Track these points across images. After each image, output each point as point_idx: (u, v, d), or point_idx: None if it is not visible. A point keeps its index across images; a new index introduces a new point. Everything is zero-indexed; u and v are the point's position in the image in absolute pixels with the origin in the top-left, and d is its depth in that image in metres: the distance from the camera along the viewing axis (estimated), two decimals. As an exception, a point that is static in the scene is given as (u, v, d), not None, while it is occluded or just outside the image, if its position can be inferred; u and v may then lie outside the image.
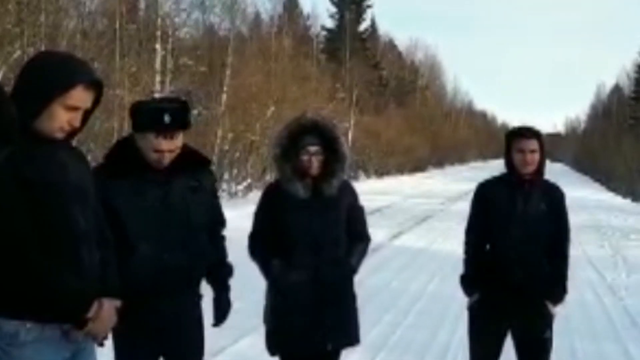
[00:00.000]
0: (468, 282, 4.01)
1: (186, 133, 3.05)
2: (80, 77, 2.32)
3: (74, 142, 2.61)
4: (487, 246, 3.97)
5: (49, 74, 2.30)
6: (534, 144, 3.80)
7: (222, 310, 3.30)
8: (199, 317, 3.21)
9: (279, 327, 3.59)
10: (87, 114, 2.39)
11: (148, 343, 3.05)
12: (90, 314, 2.31)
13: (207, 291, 3.31)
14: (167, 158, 2.99)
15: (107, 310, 2.38)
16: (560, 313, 3.96)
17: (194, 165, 3.16)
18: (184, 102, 3.08)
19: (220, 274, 3.32)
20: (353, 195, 3.73)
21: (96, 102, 2.40)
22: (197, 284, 3.22)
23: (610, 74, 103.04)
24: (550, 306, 3.87)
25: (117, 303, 2.46)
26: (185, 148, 3.09)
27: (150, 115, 2.95)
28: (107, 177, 2.95)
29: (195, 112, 19.51)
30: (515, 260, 3.81)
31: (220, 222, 3.35)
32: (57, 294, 2.24)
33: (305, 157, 3.52)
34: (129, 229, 2.93)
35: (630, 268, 10.47)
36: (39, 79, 2.30)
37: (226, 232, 3.40)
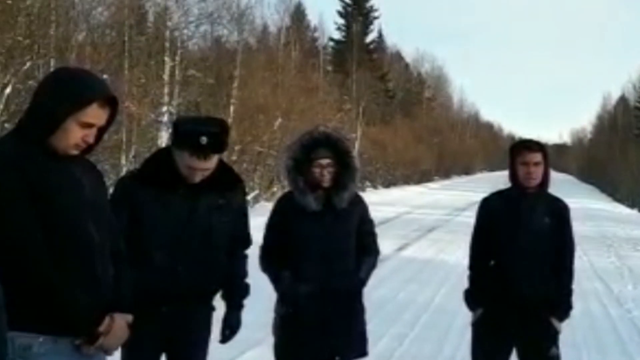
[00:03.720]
0: (472, 297, 3.99)
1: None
2: (95, 94, 2.34)
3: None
4: (492, 261, 3.95)
5: (65, 91, 2.32)
6: (537, 157, 3.80)
7: (231, 329, 3.33)
8: (207, 330, 3.24)
9: (288, 339, 3.62)
10: (101, 131, 2.41)
11: (154, 350, 3.09)
12: (102, 328, 2.34)
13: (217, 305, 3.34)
14: (199, 175, 3.03)
15: (118, 324, 2.40)
16: (566, 325, 3.97)
17: (225, 184, 3.19)
18: (223, 126, 3.11)
19: (236, 293, 3.34)
20: (364, 208, 3.77)
21: (111, 118, 2.42)
22: (210, 299, 3.25)
23: (616, 84, 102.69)
24: (555, 322, 3.85)
25: (129, 318, 2.48)
26: (220, 165, 3.13)
27: (188, 135, 2.99)
28: (139, 182, 3.04)
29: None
30: (519, 275, 3.79)
31: (246, 241, 3.36)
32: (69, 307, 2.27)
33: (317, 170, 3.56)
34: (147, 237, 2.98)
35: (636, 279, 10.45)
36: (55, 95, 2.32)
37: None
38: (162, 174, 3.04)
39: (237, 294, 3.35)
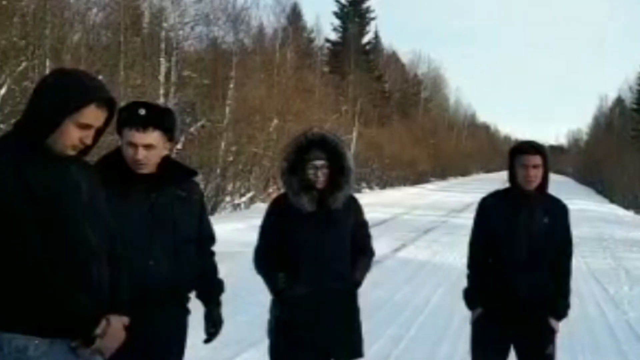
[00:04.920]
0: (471, 296, 4.01)
1: (190, 144, 3.08)
2: (93, 95, 2.35)
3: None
4: (490, 260, 3.96)
5: (63, 93, 2.32)
6: (537, 160, 3.81)
7: (213, 326, 3.30)
8: (183, 333, 3.20)
9: (283, 341, 3.61)
10: (99, 132, 2.42)
11: (126, 352, 3.04)
12: (98, 330, 2.33)
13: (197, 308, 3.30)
14: (141, 155, 3.01)
15: (115, 327, 2.39)
16: (563, 327, 3.97)
17: (182, 176, 3.20)
18: (167, 107, 3.17)
19: (211, 289, 3.33)
20: (358, 209, 3.77)
21: (109, 120, 2.43)
22: (184, 297, 3.21)
23: (613, 86, 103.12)
24: (553, 322, 3.87)
25: (125, 320, 2.47)
26: (170, 160, 3.16)
27: (128, 110, 3.05)
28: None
29: (199, 124, 19.58)
30: (518, 275, 3.81)
31: (210, 237, 3.35)
32: (65, 310, 2.27)
33: (311, 171, 3.56)
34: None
35: (633, 281, 10.45)
36: (53, 97, 2.32)
37: (229, 245, 3.42)
38: (117, 173, 3.03)
39: (212, 291, 3.32)
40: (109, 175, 2.98)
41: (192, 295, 3.28)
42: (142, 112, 3.00)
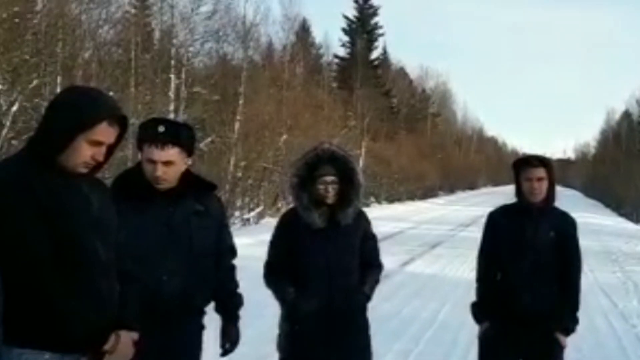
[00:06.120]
0: (479, 310, 4.03)
1: (200, 160, 3.11)
2: (105, 113, 2.37)
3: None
4: (499, 274, 3.98)
5: (75, 110, 2.34)
6: (541, 172, 3.83)
7: (230, 341, 3.32)
8: (196, 348, 3.20)
9: (293, 355, 3.63)
10: (110, 149, 2.44)
11: None
12: (108, 346, 2.35)
13: (214, 322, 3.33)
14: (160, 171, 3.04)
15: (124, 342, 2.40)
16: (571, 340, 3.97)
17: (200, 190, 3.21)
18: (187, 124, 3.21)
19: (230, 304, 3.34)
20: (367, 223, 3.79)
21: (120, 136, 2.45)
22: (199, 313, 3.23)
23: (620, 99, 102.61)
24: (560, 337, 3.86)
25: (135, 335, 2.48)
26: (189, 174, 3.18)
27: (147, 127, 3.10)
28: (113, 198, 3.05)
29: (208, 140, 19.70)
30: (525, 289, 3.82)
31: (231, 251, 3.37)
32: (75, 325, 2.28)
33: (321, 187, 3.58)
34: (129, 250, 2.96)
35: (641, 295, 10.44)
36: (65, 114, 2.35)
37: (238, 260, 3.45)
38: (135, 187, 3.07)
39: (231, 305, 3.34)
40: (129, 189, 3.04)
41: (209, 309, 3.30)
42: (161, 129, 3.03)
